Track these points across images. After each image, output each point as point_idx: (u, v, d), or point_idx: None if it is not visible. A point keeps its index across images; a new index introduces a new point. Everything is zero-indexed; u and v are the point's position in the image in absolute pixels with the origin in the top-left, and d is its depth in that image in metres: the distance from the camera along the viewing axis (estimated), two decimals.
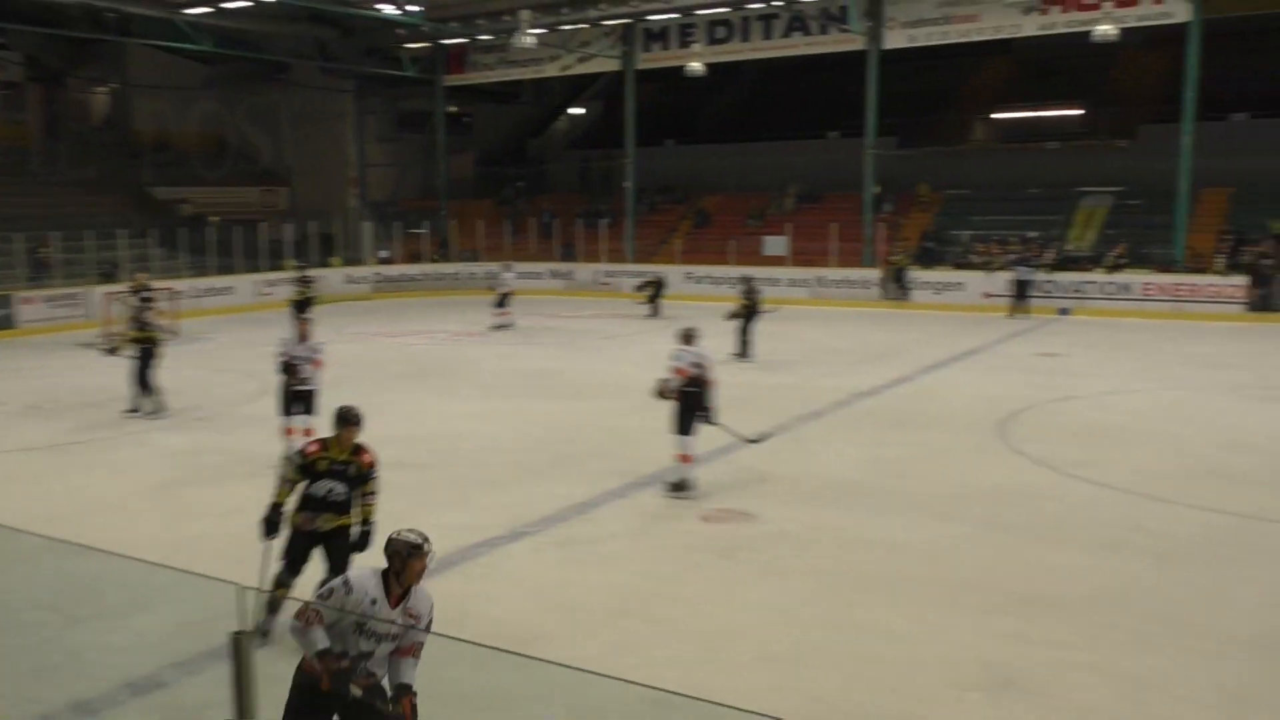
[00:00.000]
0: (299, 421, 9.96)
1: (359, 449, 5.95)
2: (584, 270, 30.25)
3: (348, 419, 5.94)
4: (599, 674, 4.12)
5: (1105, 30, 22.40)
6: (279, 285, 24.66)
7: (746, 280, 18.27)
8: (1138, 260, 24.31)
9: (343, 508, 5.93)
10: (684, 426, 9.14)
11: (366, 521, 5.96)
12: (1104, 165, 28.17)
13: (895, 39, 26.32)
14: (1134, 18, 23.54)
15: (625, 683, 4.87)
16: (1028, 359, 16.88)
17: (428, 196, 35.60)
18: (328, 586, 4.37)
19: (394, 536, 4.29)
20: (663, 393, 9.24)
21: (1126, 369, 15.79)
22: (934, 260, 27.03)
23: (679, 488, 9.09)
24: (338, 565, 5.80)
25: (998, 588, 6.89)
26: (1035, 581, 6.99)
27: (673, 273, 27.79)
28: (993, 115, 32.03)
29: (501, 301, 21.53)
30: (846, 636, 6.19)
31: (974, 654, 5.89)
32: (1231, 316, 21.50)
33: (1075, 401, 13.26)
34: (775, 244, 28.68)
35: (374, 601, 4.17)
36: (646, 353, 17.62)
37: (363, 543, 5.92)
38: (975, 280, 24.86)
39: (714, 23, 28.98)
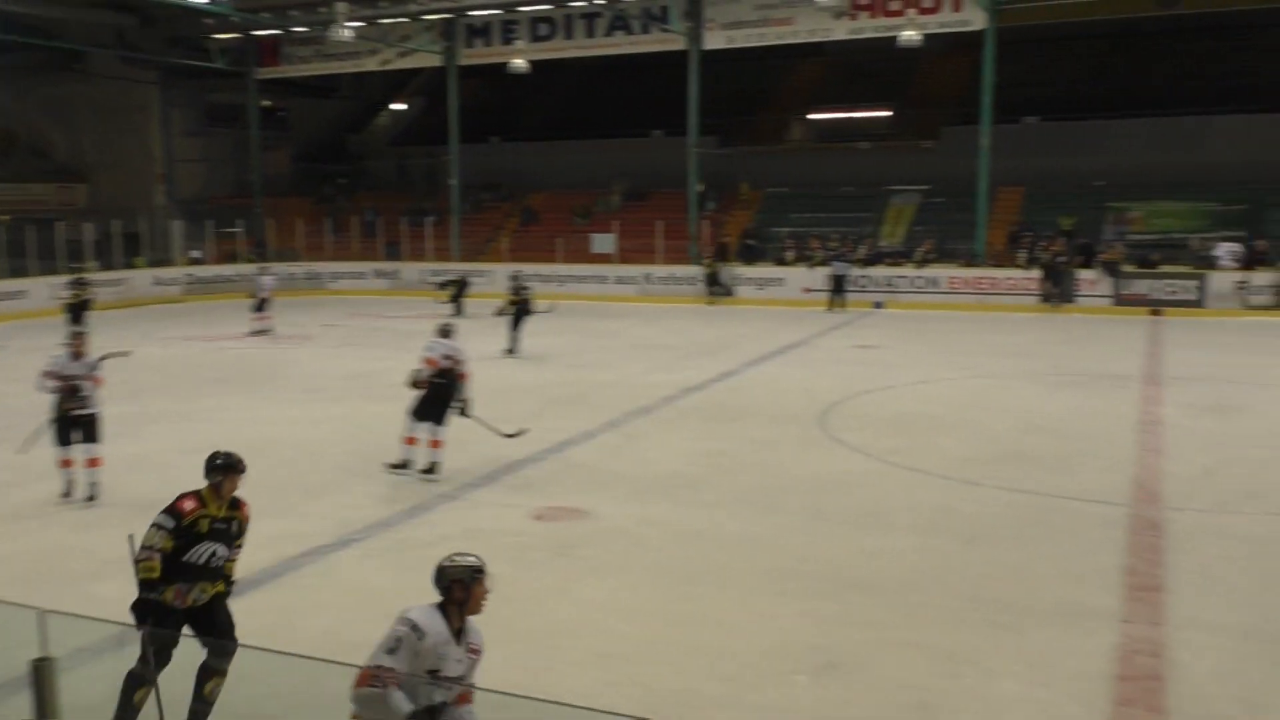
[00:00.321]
0: (78, 452, 8.75)
1: (237, 502, 5.04)
2: (410, 270, 29.71)
3: (233, 466, 5.00)
4: (430, 680, 4.06)
5: (909, 35, 23.54)
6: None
7: (515, 277, 18.94)
8: (944, 255, 25.66)
9: (220, 573, 4.97)
10: (436, 415, 9.56)
11: (230, 581, 5.07)
12: (911, 164, 29.62)
13: (714, 40, 26.92)
14: (935, 24, 24.84)
15: (458, 686, 4.83)
16: (846, 351, 17.59)
17: (242, 194, 34.19)
18: (392, 637, 3.73)
19: (448, 564, 3.87)
20: (415, 383, 9.64)
21: (936, 359, 16.62)
22: (756, 257, 27.79)
23: (403, 468, 9.53)
24: (218, 646, 4.81)
25: (820, 574, 7.15)
26: (855, 566, 7.29)
27: (500, 271, 27.62)
28: (808, 116, 33.14)
29: (260, 306, 20.63)
30: (680, 629, 6.30)
31: (800, 638, 6.10)
32: (1028, 308, 22.96)
33: (890, 391, 13.89)
34: (603, 241, 28.90)
35: (446, 642, 3.75)
36: (474, 353, 17.47)
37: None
38: (796, 276, 25.72)
39: (537, 20, 28.95)
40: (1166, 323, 21.11)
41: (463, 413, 9.80)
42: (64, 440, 8.80)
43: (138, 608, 4.74)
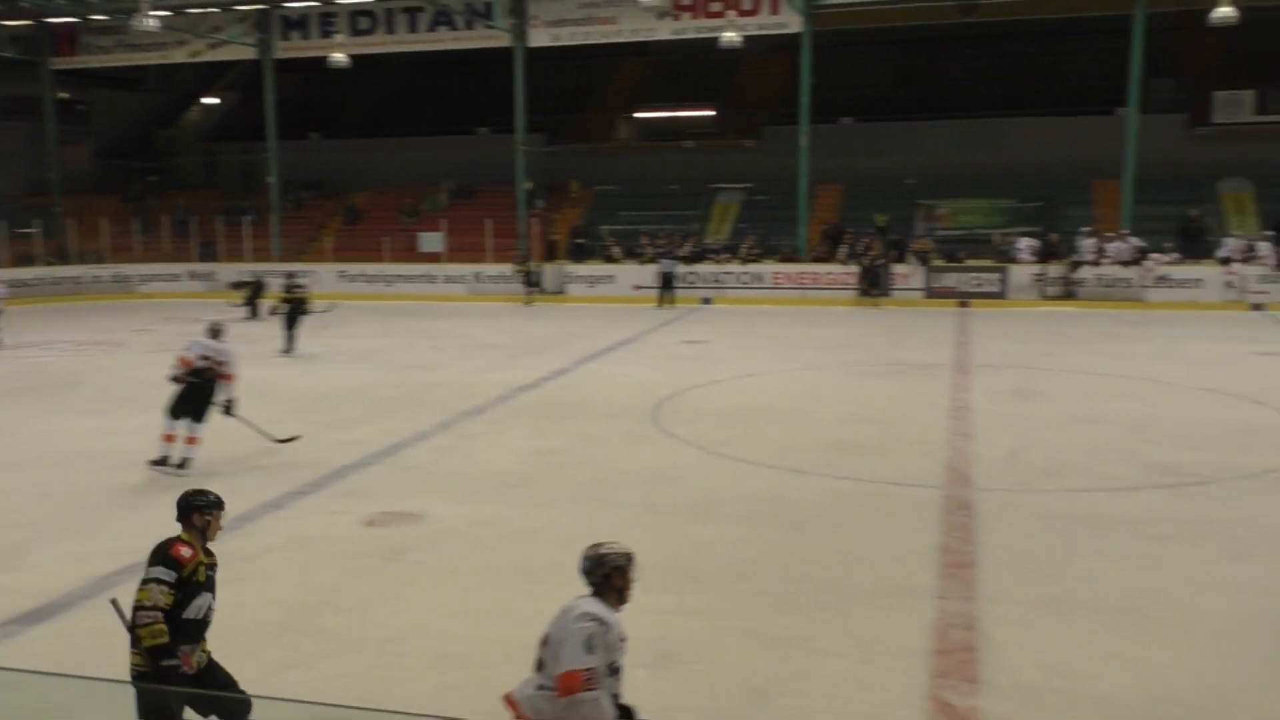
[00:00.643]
0: None
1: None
2: (227, 270, 28.46)
3: (220, 502, 4.55)
4: (261, 696, 3.94)
5: (730, 37, 24.09)
6: None
7: (290, 275, 18.94)
8: (768, 251, 26.41)
9: (207, 628, 4.43)
10: (194, 413, 9.62)
11: None
12: (735, 163, 30.38)
13: (539, 37, 26.89)
14: (754, 26, 25.54)
15: (289, 702, 4.70)
16: (676, 347, 17.90)
17: (38, 192, 32.01)
18: (584, 634, 3.64)
19: (600, 552, 3.83)
20: (177, 378, 9.70)
21: (762, 353, 17.11)
22: (586, 254, 27.92)
23: (162, 464, 9.57)
24: (238, 704, 4.25)
25: (656, 566, 7.23)
26: (689, 557, 7.44)
27: (324, 271, 26.86)
28: (635, 115, 33.50)
29: None
30: (519, 629, 6.25)
31: (637, 632, 6.13)
32: (848, 302, 23.90)
33: (719, 385, 14.21)
34: (431, 240, 28.47)
35: (620, 632, 3.73)
36: (295, 355, 16.94)
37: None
38: (626, 273, 25.96)
39: (356, 13, 28.26)
40: (973, 313, 22.35)
41: (227, 411, 9.92)
42: None
43: (160, 679, 4.08)
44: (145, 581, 4.21)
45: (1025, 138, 28.55)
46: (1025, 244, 24.89)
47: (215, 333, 10.15)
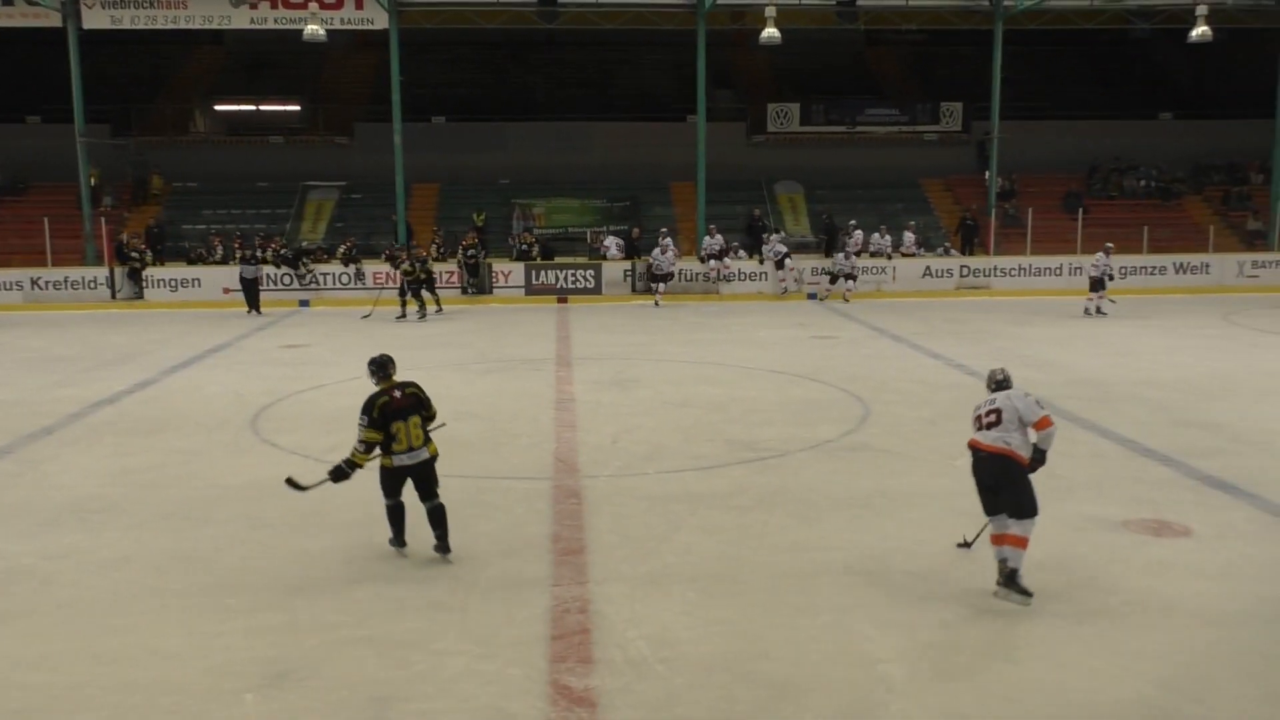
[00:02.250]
0: None
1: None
2: None
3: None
4: None
5: (314, 30, 23.30)
6: None
7: None
8: (366, 252, 25.86)
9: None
10: None
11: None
12: (328, 160, 29.50)
13: (96, 19, 24.46)
14: (339, 20, 24.87)
15: None
16: (274, 352, 17.05)
17: None
18: (1034, 398, 6.66)
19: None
20: None
21: (366, 355, 16.59)
22: (169, 256, 25.82)
23: None
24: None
25: (263, 583, 6.93)
26: (299, 570, 7.17)
27: None
28: (215, 107, 31.47)
29: None
30: (109, 667, 5.75)
31: (247, 654, 5.88)
32: (452, 300, 23.94)
33: (323, 389, 13.74)
34: None
35: None
36: None
37: None
38: (215, 275, 24.27)
39: None
40: (572, 309, 23.29)
41: None
42: None
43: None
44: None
45: (609, 141, 30.23)
46: (612, 241, 26.32)
47: None
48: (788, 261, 24.71)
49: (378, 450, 7.22)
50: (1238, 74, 32.30)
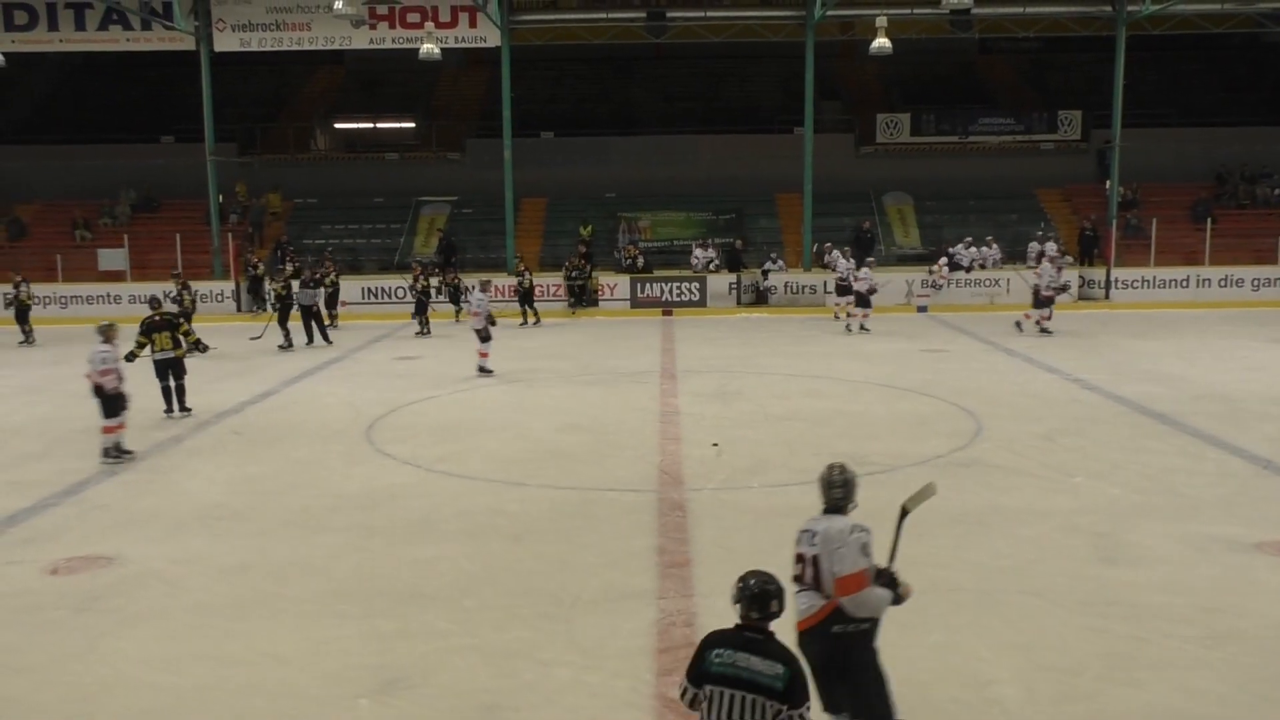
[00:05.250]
0: None
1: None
2: None
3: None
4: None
5: (429, 49, 23.88)
6: None
7: None
8: (476, 265, 26.33)
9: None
10: None
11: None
12: (440, 175, 30.15)
13: (226, 41, 25.51)
14: (453, 39, 25.46)
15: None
16: (388, 364, 17.50)
17: None
18: (860, 543, 4.48)
19: (850, 475, 4.84)
20: None
21: (474, 366, 16.97)
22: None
23: None
24: None
25: (376, 590, 7.11)
26: (410, 578, 7.33)
27: None
28: (335, 125, 32.49)
29: None
30: (232, 670, 5.96)
31: (359, 660, 6.03)
32: (559, 313, 24.24)
33: (434, 400, 14.04)
34: (111, 257, 26.28)
35: None
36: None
37: None
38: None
39: (12, 6, 25.59)
40: (676, 321, 23.33)
41: None
42: None
43: None
44: None
45: (715, 153, 30.20)
46: (699, 254, 26.33)
47: None
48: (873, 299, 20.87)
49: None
50: None
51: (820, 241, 26.10)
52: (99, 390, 10.73)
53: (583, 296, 24.89)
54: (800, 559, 4.58)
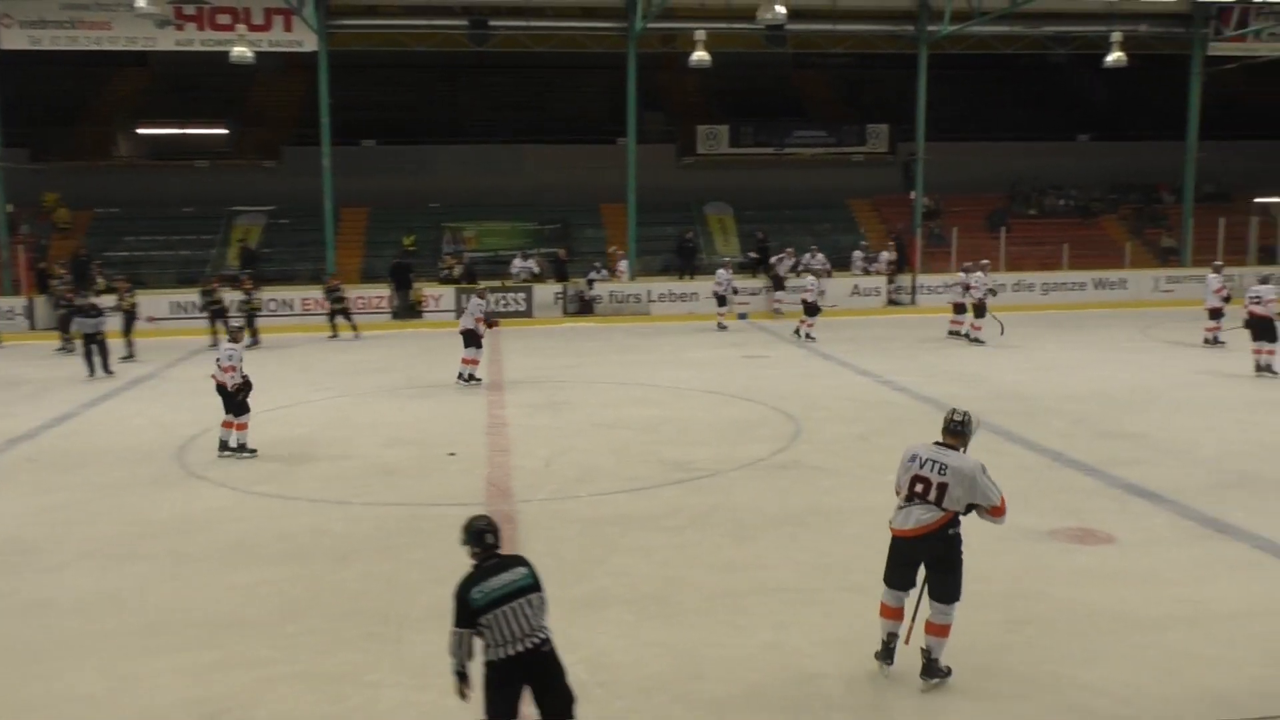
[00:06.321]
0: None
1: None
2: None
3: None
4: None
5: (241, 52, 22.99)
6: None
7: None
8: (288, 277, 25.48)
9: None
10: None
11: None
12: (254, 184, 29.06)
13: (14, 39, 23.83)
14: (267, 43, 24.56)
15: None
16: (200, 381, 16.66)
17: None
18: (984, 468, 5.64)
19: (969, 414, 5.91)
20: None
21: (297, 382, 16.41)
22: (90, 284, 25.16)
23: None
24: None
25: (191, 621, 6.79)
26: (228, 606, 7.04)
27: None
28: (138, 130, 30.80)
29: None
30: (33, 716, 5.58)
31: (176, 695, 5.76)
32: (381, 325, 23.71)
33: (253, 417, 13.47)
34: None
35: None
36: None
37: None
38: (147, 303, 23.64)
39: None
40: (503, 332, 23.17)
41: None
42: None
43: None
44: None
45: (540, 163, 30.26)
46: (519, 264, 26.27)
47: None
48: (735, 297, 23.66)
49: None
50: (1151, 98, 33.38)
51: (641, 254, 26.48)
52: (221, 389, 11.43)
53: (407, 305, 24.32)
54: (925, 481, 5.68)
